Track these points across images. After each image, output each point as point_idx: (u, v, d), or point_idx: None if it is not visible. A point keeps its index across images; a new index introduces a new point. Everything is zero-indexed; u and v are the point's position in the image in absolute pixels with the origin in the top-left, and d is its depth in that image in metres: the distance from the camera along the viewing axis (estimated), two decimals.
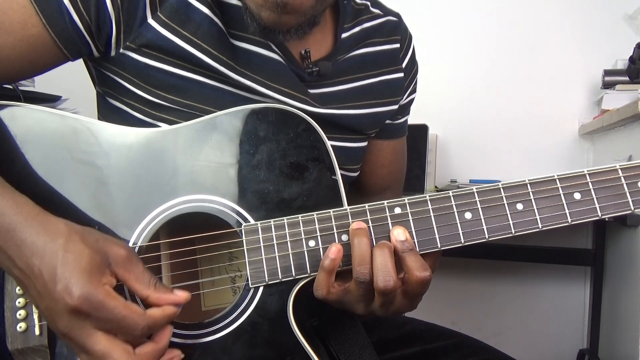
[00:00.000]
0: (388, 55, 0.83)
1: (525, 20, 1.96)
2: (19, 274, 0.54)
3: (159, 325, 0.55)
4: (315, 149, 0.64)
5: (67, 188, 0.62)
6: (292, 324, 0.60)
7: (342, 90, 0.78)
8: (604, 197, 0.60)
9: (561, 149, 1.95)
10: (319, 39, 0.77)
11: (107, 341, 0.52)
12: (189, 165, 0.63)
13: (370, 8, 0.83)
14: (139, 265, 0.56)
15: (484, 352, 0.82)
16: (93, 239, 0.55)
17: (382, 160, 0.90)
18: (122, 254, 0.55)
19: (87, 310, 0.51)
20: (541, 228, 0.60)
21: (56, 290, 0.51)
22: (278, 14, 0.60)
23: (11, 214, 0.54)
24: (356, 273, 0.58)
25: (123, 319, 0.52)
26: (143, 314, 0.53)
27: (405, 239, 0.58)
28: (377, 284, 0.57)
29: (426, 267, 0.57)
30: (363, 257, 0.58)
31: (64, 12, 0.63)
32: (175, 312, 0.56)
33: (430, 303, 1.93)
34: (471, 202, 0.61)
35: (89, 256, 0.52)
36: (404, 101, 0.87)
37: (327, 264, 0.58)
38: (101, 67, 0.70)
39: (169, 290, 0.56)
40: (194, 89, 0.68)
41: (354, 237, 0.59)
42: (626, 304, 1.51)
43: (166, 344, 0.56)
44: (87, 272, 0.52)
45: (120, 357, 0.52)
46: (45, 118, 0.63)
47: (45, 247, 0.52)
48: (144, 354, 0.54)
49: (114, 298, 0.52)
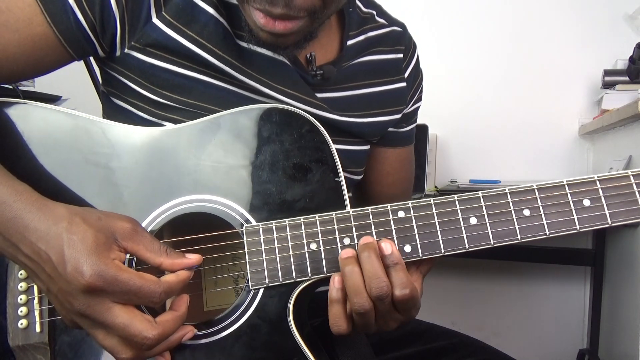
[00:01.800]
0: (391, 65, 0.83)
1: (525, 21, 1.96)
2: (25, 260, 0.54)
3: (174, 290, 0.56)
4: (319, 151, 0.63)
5: (71, 185, 0.62)
6: (291, 327, 0.60)
7: (345, 96, 0.78)
8: (615, 203, 0.58)
9: (561, 149, 1.95)
10: (324, 44, 0.77)
11: (127, 313, 0.53)
12: (192, 164, 0.63)
13: (376, 17, 0.83)
14: (146, 235, 0.57)
15: (484, 352, 0.82)
16: (95, 217, 0.55)
17: (388, 168, 0.89)
18: (127, 227, 0.56)
19: (101, 285, 0.51)
20: (548, 235, 0.58)
21: (67, 271, 0.51)
22: (275, 37, 0.61)
23: (11, 202, 0.54)
24: (353, 304, 0.57)
25: (139, 288, 0.53)
26: (158, 281, 0.54)
27: (392, 252, 0.57)
28: (370, 291, 0.56)
29: (406, 284, 0.57)
30: (358, 287, 0.57)
31: (68, 11, 0.63)
32: (189, 275, 0.57)
33: (430, 303, 1.94)
34: (477, 207, 0.60)
35: (93, 235, 0.53)
36: (408, 110, 0.87)
37: (335, 295, 0.58)
38: (106, 67, 0.71)
39: (181, 255, 0.57)
40: (199, 88, 0.68)
41: (345, 267, 0.58)
42: (626, 304, 1.51)
43: (185, 311, 0.57)
44: (94, 250, 0.52)
45: (142, 327, 0.52)
46: (51, 116, 0.64)
47: (49, 231, 0.53)
48: (165, 321, 0.55)
49: (125, 270, 0.53)
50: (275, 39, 0.62)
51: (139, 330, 0.52)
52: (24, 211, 0.54)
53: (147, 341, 0.52)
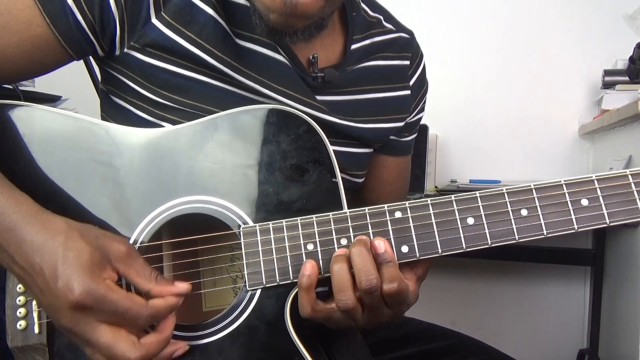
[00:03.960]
0: (396, 71, 0.82)
1: (525, 21, 1.96)
2: (19, 271, 0.55)
3: (161, 314, 0.56)
4: (316, 151, 0.63)
5: (68, 187, 0.62)
6: (289, 328, 0.60)
7: (348, 100, 0.77)
8: (613, 203, 0.58)
9: (561, 149, 1.95)
10: (328, 46, 0.76)
11: (112, 333, 0.53)
12: (190, 165, 0.63)
13: (383, 22, 0.83)
14: (139, 260, 0.57)
15: (484, 352, 0.82)
16: (93, 236, 0.55)
17: (387, 177, 0.89)
18: (122, 249, 0.56)
19: (90, 304, 0.52)
20: (546, 235, 0.58)
21: (57, 287, 0.52)
22: (285, 16, 0.61)
23: (11, 212, 0.55)
24: (337, 301, 0.58)
25: (126, 310, 0.53)
26: (146, 304, 0.54)
27: (385, 251, 0.58)
28: (360, 284, 0.56)
29: (394, 278, 0.57)
30: (343, 283, 0.57)
31: (67, 12, 0.63)
32: (177, 302, 0.57)
33: (430, 303, 1.94)
34: (474, 207, 0.59)
35: (89, 253, 0.53)
36: (411, 119, 0.86)
37: (304, 282, 0.58)
38: (106, 66, 0.71)
39: (170, 282, 0.58)
40: (198, 89, 0.68)
41: (333, 264, 0.58)
42: (626, 304, 1.51)
43: (170, 334, 0.57)
44: (87, 269, 0.52)
45: (125, 347, 0.53)
46: (52, 118, 0.64)
47: (46, 245, 0.53)
48: (149, 343, 0.55)
49: (115, 291, 0.53)
50: (285, 20, 0.61)
51: (122, 351, 0.52)
52: (23, 222, 0.54)
53: None
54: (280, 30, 0.65)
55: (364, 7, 0.81)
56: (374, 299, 0.58)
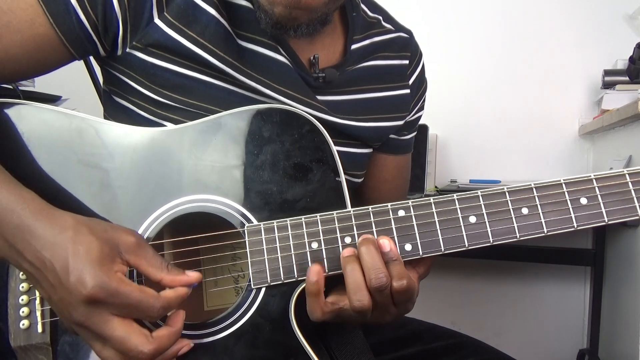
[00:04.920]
0: (396, 71, 0.83)
1: (525, 21, 1.97)
2: (29, 267, 0.55)
3: (173, 305, 0.56)
4: (320, 150, 0.64)
5: (72, 187, 0.62)
6: (293, 326, 0.60)
7: (348, 100, 0.78)
8: (611, 202, 0.59)
9: (561, 149, 1.96)
10: (328, 47, 0.77)
11: (125, 326, 0.53)
12: (193, 165, 0.63)
13: (382, 22, 0.83)
14: (149, 250, 0.57)
15: (484, 352, 0.82)
16: (101, 229, 0.55)
17: (386, 175, 0.89)
18: (131, 240, 0.56)
19: (102, 297, 0.52)
20: (546, 233, 0.59)
21: (69, 281, 0.52)
22: (290, 8, 0.61)
23: (18, 210, 0.55)
24: (353, 301, 0.58)
25: (139, 302, 0.53)
26: (157, 296, 0.55)
27: (390, 250, 0.58)
28: (370, 282, 0.57)
29: (403, 275, 0.58)
30: (358, 284, 0.57)
31: (70, 12, 0.63)
32: (187, 292, 0.57)
33: (430, 303, 1.94)
34: (476, 205, 0.60)
35: (98, 246, 0.53)
36: (411, 118, 0.87)
37: (313, 288, 0.59)
38: (108, 66, 0.71)
39: (181, 272, 0.58)
40: (200, 89, 0.68)
41: (346, 265, 0.58)
42: (626, 304, 1.51)
43: (181, 327, 0.57)
44: (98, 262, 0.53)
45: (139, 341, 0.53)
46: (52, 117, 0.64)
47: (55, 240, 0.53)
48: (161, 336, 0.55)
49: (127, 284, 0.53)
50: (289, 12, 0.62)
51: (135, 345, 0.53)
52: (31, 219, 0.54)
53: (142, 356, 0.53)
54: (285, 25, 0.65)
55: (364, 7, 0.82)
56: (384, 297, 0.58)
